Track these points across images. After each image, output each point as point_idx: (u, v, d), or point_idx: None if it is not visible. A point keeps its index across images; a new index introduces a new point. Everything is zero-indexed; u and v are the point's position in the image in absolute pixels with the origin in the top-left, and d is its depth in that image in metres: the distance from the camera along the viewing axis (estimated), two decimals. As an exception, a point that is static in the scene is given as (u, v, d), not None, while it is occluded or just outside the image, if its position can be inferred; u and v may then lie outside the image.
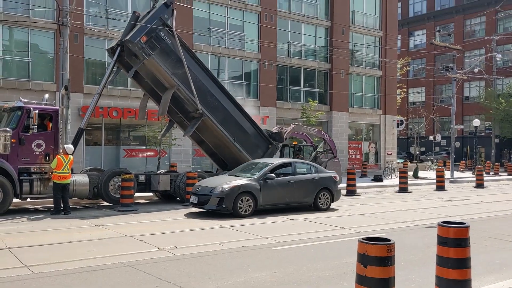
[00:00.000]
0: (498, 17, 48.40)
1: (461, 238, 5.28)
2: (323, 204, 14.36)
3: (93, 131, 24.53)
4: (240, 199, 12.68)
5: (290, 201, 13.86)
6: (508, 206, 16.13)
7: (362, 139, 35.28)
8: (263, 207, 13.22)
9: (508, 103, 41.62)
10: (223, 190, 12.64)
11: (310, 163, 15.49)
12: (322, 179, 14.50)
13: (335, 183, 14.81)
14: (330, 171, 15.54)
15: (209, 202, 12.67)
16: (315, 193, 14.21)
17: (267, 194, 13.27)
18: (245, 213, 12.76)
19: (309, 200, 14.20)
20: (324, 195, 14.41)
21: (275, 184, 13.48)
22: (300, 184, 14.01)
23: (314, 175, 14.43)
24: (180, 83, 15.48)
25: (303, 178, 14.20)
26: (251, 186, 12.99)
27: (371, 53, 35.11)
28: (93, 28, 23.32)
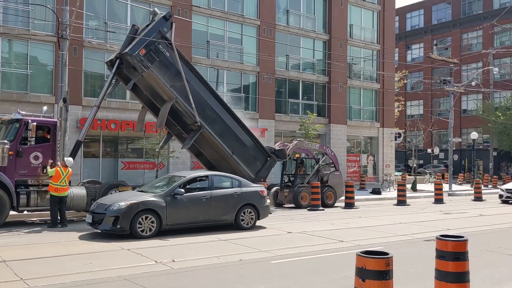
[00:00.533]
0: (495, 31, 48.83)
1: (459, 252, 5.26)
2: (247, 222, 12.82)
3: (91, 143, 24.51)
4: (140, 218, 11.10)
5: (205, 219, 12.26)
6: (507, 219, 16.09)
7: (360, 151, 35.31)
8: (169, 226, 11.65)
9: (506, 116, 41.77)
10: (119, 208, 11.04)
11: (232, 176, 13.81)
12: (246, 194, 12.96)
13: (262, 199, 13.31)
14: (257, 185, 14.05)
15: (103, 222, 11.10)
16: (237, 210, 12.68)
17: (175, 212, 11.69)
18: (146, 233, 11.15)
19: (229, 218, 12.65)
20: (248, 212, 12.87)
21: (185, 201, 11.90)
22: (217, 200, 12.45)
23: (235, 190, 12.90)
24: (179, 95, 15.51)
25: (221, 193, 12.65)
26: (154, 203, 11.42)
27: (369, 66, 35.31)
28: (92, 41, 23.44)
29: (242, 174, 17.37)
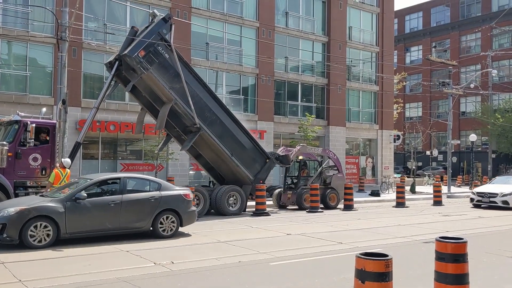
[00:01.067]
0: (493, 34, 48.93)
1: (459, 254, 5.26)
2: (166, 230, 11.53)
3: (90, 145, 24.49)
4: (32, 226, 9.85)
5: (114, 227, 10.94)
6: (506, 222, 16.11)
7: (359, 153, 35.32)
8: (69, 235, 10.35)
9: (504, 118, 41.84)
10: (8, 214, 9.84)
11: (151, 178, 12.46)
12: (166, 198, 11.59)
13: (186, 203, 11.96)
14: (181, 188, 12.85)
15: None
16: (154, 216, 11.35)
17: (76, 219, 10.39)
18: (41, 243, 9.92)
19: (144, 225, 11.32)
20: (168, 218, 11.57)
21: (89, 206, 10.59)
22: (130, 205, 11.11)
23: (153, 194, 11.51)
24: (178, 97, 15.52)
25: (135, 198, 11.30)
26: (50, 209, 10.11)
27: (367, 68, 35.35)
28: (92, 43, 23.44)
29: (241, 175, 17.42)
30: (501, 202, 20.22)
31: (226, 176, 17.96)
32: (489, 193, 20.82)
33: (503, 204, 20.14)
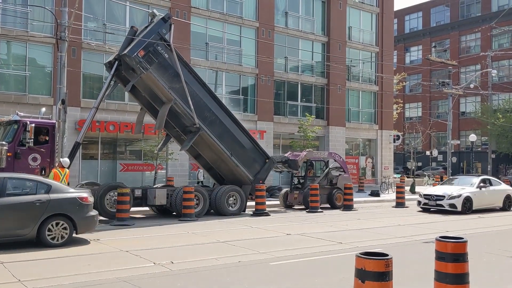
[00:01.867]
0: (493, 34, 48.92)
1: (459, 253, 5.25)
2: (56, 238, 10.15)
3: (89, 145, 24.47)
4: None
5: None
6: (506, 221, 16.10)
7: (359, 154, 35.31)
8: None
9: (505, 118, 41.83)
10: None
11: (38, 179, 10.85)
12: (56, 202, 10.19)
13: (82, 207, 10.56)
14: (77, 190, 11.49)
15: None
16: (39, 222, 9.93)
17: None
18: None
19: (27, 232, 9.89)
20: (58, 224, 10.19)
21: None
22: (8, 209, 9.71)
23: (39, 197, 10.07)
24: (178, 97, 15.50)
25: (15, 201, 9.87)
26: None
27: (367, 68, 35.34)
28: (91, 43, 23.42)
29: (241, 175, 17.40)
30: (448, 205, 18.22)
31: (226, 176, 17.94)
32: (436, 196, 18.66)
33: (450, 208, 18.16)
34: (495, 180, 21.07)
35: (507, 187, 21.15)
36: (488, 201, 19.45)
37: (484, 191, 19.28)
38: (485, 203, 19.25)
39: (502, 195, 19.97)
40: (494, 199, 19.76)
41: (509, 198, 20.11)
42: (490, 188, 19.65)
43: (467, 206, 18.35)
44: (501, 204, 19.86)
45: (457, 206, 18.13)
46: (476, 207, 18.65)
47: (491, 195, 19.62)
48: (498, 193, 19.94)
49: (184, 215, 15.18)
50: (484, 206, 19.16)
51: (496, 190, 19.93)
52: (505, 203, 19.99)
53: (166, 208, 16.44)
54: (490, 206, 19.56)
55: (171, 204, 15.86)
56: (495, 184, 20.25)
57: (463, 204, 18.14)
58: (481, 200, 18.96)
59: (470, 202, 18.45)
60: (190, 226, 13.91)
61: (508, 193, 20.23)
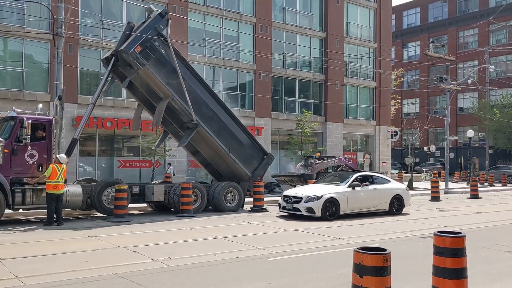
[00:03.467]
0: (491, 29, 48.91)
1: (457, 248, 5.24)
2: None
3: (87, 141, 24.41)
4: None
5: None
6: (503, 217, 16.13)
7: (357, 150, 35.32)
8: None
9: (502, 114, 41.87)
10: None
11: None
12: None
13: None
14: None
15: None
16: None
17: None
18: None
19: None
20: None
21: None
22: None
23: None
24: (175, 93, 15.45)
25: None
26: None
27: (365, 64, 35.31)
28: (88, 39, 23.33)
29: (239, 172, 17.38)
30: (305, 209, 14.49)
31: (223, 172, 17.92)
32: (294, 197, 14.96)
33: (307, 213, 14.44)
34: (381, 177, 17.15)
35: (397, 185, 17.04)
36: (367, 204, 15.57)
37: (359, 191, 15.36)
38: (361, 206, 15.42)
39: (388, 196, 16.07)
40: (375, 201, 15.78)
41: (399, 200, 16.30)
42: (370, 187, 15.70)
43: (331, 211, 14.62)
44: (386, 207, 16.03)
45: (315, 211, 14.38)
46: (347, 211, 14.97)
47: (370, 196, 15.64)
48: (381, 193, 15.94)
49: (182, 211, 15.17)
50: (359, 209, 15.37)
51: (379, 190, 15.90)
52: (392, 206, 16.12)
53: (164, 205, 16.42)
54: (371, 209, 15.68)
55: (169, 200, 15.84)
56: (380, 182, 16.37)
57: (323, 208, 14.39)
58: (354, 203, 15.16)
59: (336, 206, 14.70)
60: (188, 222, 13.90)
61: (397, 193, 16.31)
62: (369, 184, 15.85)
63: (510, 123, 41.44)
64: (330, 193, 14.81)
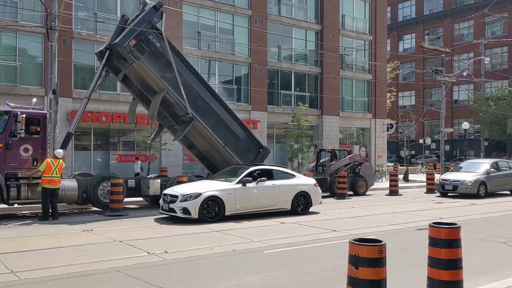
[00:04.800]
0: (486, 21, 48.94)
1: (452, 239, 5.26)
2: None
3: (82, 136, 24.32)
4: None
5: None
6: (498, 208, 16.21)
7: (353, 143, 35.36)
8: None
9: (497, 106, 42.00)
10: None
11: None
12: None
13: None
14: None
15: None
16: None
17: None
18: None
19: None
20: None
21: None
22: None
23: None
24: (170, 87, 15.38)
25: None
26: None
27: (361, 57, 35.27)
28: (82, 32, 23.17)
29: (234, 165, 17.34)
30: (180, 210, 12.42)
31: (219, 166, 17.85)
32: (171, 195, 12.88)
33: (183, 214, 12.37)
34: (283, 171, 14.82)
35: (303, 181, 14.78)
36: (263, 202, 13.56)
37: (251, 187, 13.30)
38: (254, 205, 13.37)
39: (291, 193, 13.99)
40: (274, 199, 13.72)
41: (304, 197, 14.27)
42: (267, 183, 13.63)
43: (212, 212, 12.56)
44: (289, 206, 13.97)
45: (191, 211, 12.32)
46: (235, 212, 12.95)
47: (266, 193, 13.61)
48: (282, 190, 13.87)
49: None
50: (252, 209, 13.32)
51: (278, 186, 13.82)
52: (296, 204, 14.07)
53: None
54: (268, 208, 13.65)
55: (165, 194, 15.77)
56: (282, 177, 14.21)
57: (202, 209, 12.35)
58: (245, 201, 13.14)
59: (220, 205, 12.67)
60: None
61: (302, 190, 14.25)
62: (267, 179, 13.70)
63: (505, 115, 41.59)
64: (212, 190, 12.74)
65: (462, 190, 20.12)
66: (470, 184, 19.96)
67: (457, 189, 20.24)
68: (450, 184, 20.59)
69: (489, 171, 20.89)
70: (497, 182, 21.11)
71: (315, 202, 14.64)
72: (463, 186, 20.06)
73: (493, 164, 21.73)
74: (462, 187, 20.09)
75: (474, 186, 19.95)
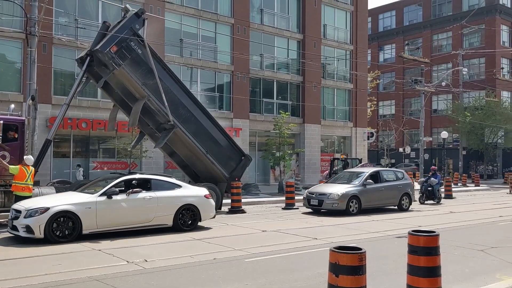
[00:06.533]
0: (464, 33, 49.99)
1: (431, 247, 5.32)
2: None
3: (61, 143, 23.97)
4: None
5: None
6: (476, 216, 16.46)
7: (334, 151, 35.60)
8: None
9: (474, 116, 42.80)
10: None
11: None
12: None
13: None
14: None
15: None
16: None
17: None
18: None
19: None
20: None
21: None
22: None
23: None
24: (151, 93, 15.31)
25: None
26: None
27: (342, 66, 35.63)
28: (62, 38, 22.92)
29: (216, 173, 17.31)
30: (23, 228, 10.36)
31: (201, 174, 17.82)
32: (16, 210, 10.81)
33: (26, 233, 10.31)
34: (167, 181, 12.58)
35: (190, 192, 12.68)
36: (135, 218, 11.52)
37: (119, 201, 11.29)
38: (122, 221, 11.33)
39: (172, 207, 12.02)
40: (150, 213, 11.68)
41: (191, 211, 12.31)
42: (140, 195, 11.62)
43: (65, 230, 10.52)
44: (170, 222, 11.99)
45: (35, 230, 10.22)
46: (96, 230, 10.95)
47: (139, 207, 11.57)
48: (160, 203, 11.83)
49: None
50: (120, 225, 11.31)
51: (155, 199, 11.80)
52: (179, 219, 12.11)
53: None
54: (142, 224, 11.64)
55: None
56: (163, 188, 12.17)
57: (48, 227, 10.25)
58: (110, 217, 11.14)
59: (75, 223, 10.61)
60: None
61: (188, 203, 12.31)
62: (144, 191, 11.80)
63: (482, 125, 42.38)
64: (65, 204, 10.66)
65: (328, 206, 16.33)
66: (337, 199, 16.22)
67: (322, 204, 16.44)
68: (315, 199, 16.72)
69: (365, 182, 17.09)
70: (376, 195, 17.30)
71: (205, 216, 12.69)
72: (329, 200, 16.27)
73: (372, 174, 17.79)
74: (328, 202, 16.28)
75: (342, 200, 16.21)
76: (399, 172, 19.43)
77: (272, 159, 28.13)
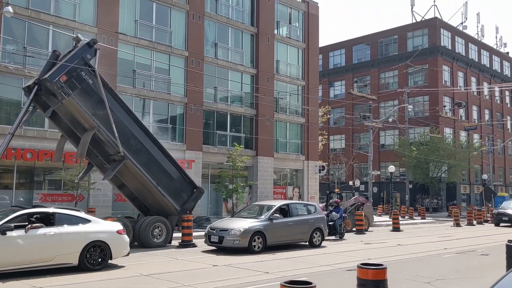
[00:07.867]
0: (409, 72, 52.55)
1: (379, 280, 5.40)
2: None
3: (3, 174, 22.86)
4: None
5: None
6: (423, 249, 16.91)
7: (286, 183, 35.88)
8: None
9: (419, 151, 44.58)
10: None
11: None
12: None
13: None
14: None
15: None
16: None
17: None
18: None
19: None
20: None
21: None
22: None
23: None
24: (101, 124, 15.00)
25: None
26: None
27: (294, 101, 36.39)
28: (9, 66, 22.20)
29: (167, 206, 16.99)
30: None
31: (151, 207, 17.43)
32: None
33: None
34: (74, 215, 11.54)
35: (100, 227, 11.64)
36: (32, 256, 10.37)
37: (14, 237, 10.18)
38: (16, 261, 10.14)
39: (77, 245, 10.98)
40: (50, 251, 10.60)
41: (100, 248, 11.36)
42: (39, 231, 10.50)
43: None
44: (75, 261, 10.95)
45: None
46: None
47: (38, 244, 10.43)
48: (64, 239, 10.78)
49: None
50: (14, 265, 10.13)
51: (58, 235, 10.73)
52: (86, 258, 11.11)
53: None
54: (40, 264, 10.50)
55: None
56: (69, 223, 11.15)
57: None
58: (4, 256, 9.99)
59: None
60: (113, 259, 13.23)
61: (98, 239, 11.34)
62: (46, 226, 10.73)
63: (427, 160, 44.16)
64: None
65: (228, 243, 14.84)
66: (239, 235, 14.77)
67: (223, 241, 14.94)
68: (216, 235, 15.18)
69: (271, 216, 15.83)
70: (284, 231, 16.06)
71: (117, 254, 11.73)
72: (230, 237, 14.80)
73: (280, 207, 16.65)
74: (229, 239, 14.80)
75: (244, 237, 14.76)
76: (311, 206, 18.44)
77: (225, 191, 27.98)
